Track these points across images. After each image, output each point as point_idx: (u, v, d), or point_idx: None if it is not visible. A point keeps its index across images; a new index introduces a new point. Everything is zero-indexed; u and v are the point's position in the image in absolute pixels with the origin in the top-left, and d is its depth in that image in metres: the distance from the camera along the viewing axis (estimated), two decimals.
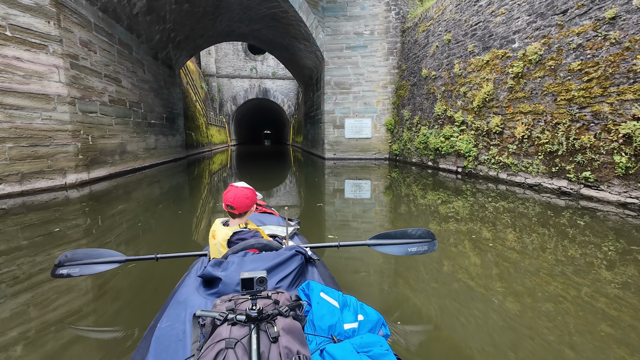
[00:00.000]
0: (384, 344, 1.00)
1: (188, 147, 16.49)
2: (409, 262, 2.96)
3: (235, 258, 1.44)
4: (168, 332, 1.13)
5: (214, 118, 27.44)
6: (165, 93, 12.59)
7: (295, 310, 1.02)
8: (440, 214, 4.73)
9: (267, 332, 0.87)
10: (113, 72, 8.47)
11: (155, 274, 2.69)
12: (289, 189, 7.25)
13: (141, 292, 2.43)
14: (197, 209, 5.43)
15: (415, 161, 10.84)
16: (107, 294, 2.38)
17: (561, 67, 5.58)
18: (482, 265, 2.88)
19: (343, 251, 3.10)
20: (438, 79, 9.53)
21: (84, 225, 4.25)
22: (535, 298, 2.27)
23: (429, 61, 10.24)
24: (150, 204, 5.74)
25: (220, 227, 1.76)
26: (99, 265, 1.88)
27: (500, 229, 3.93)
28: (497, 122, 6.89)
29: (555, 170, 5.57)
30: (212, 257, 1.77)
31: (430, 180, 8.04)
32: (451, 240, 3.55)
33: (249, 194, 1.75)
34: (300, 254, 1.49)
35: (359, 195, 6.65)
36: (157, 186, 7.80)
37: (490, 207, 5.03)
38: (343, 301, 1.18)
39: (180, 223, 4.47)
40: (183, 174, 10.56)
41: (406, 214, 4.80)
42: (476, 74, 7.77)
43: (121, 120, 8.89)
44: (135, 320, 2.02)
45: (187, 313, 1.19)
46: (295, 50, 15.48)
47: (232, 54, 31.30)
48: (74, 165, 6.74)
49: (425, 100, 10.27)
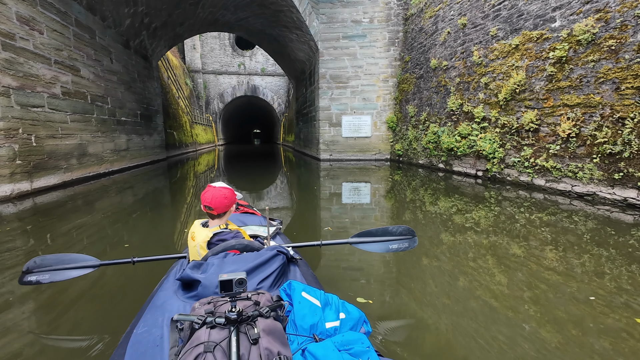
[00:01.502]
0: (365, 341, 1.01)
1: (169, 148, 15.02)
2: (391, 259, 2.95)
3: (215, 260, 1.39)
4: (145, 337, 1.09)
5: (200, 116, 25.91)
6: (140, 87, 11.13)
7: (277, 311, 1.01)
8: (456, 223, 4.03)
9: (247, 334, 0.86)
10: (68, 59, 7.02)
11: (132, 278, 2.56)
12: (281, 196, 6.02)
13: (117, 297, 2.30)
14: (177, 215, 4.90)
15: (423, 163, 9.68)
16: (80, 301, 2.24)
17: (626, 47, 4.44)
18: (505, 282, 2.48)
19: (325, 250, 3.07)
20: (451, 70, 8.37)
21: (24, 248, 3.33)
22: (584, 329, 1.87)
23: (438, 50, 9.07)
24: (120, 214, 4.85)
25: (199, 229, 1.68)
26: (71, 270, 1.80)
27: (536, 245, 3.22)
28: (531, 118, 5.74)
29: (618, 177, 4.44)
30: (191, 259, 1.69)
31: (442, 184, 7.02)
32: (468, 253, 3.07)
33: (227, 194, 1.68)
34: (282, 254, 1.47)
35: (357, 200, 5.91)
36: (130, 193, 6.64)
37: (522, 219, 4.16)
38: (325, 300, 1.18)
39: (158, 231, 4.04)
40: (162, 177, 9.38)
41: (413, 222, 4.17)
42: (501, 61, 6.62)
43: (80, 116, 7.45)
44: (111, 327, 1.90)
45: (165, 317, 1.16)
46: (286, 42, 14.16)
47: (218, 49, 29.84)
48: (9, 174, 5.31)
49: (434, 94, 9.11)
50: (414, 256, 2.99)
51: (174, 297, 1.30)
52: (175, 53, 25.58)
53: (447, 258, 2.97)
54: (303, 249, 2.19)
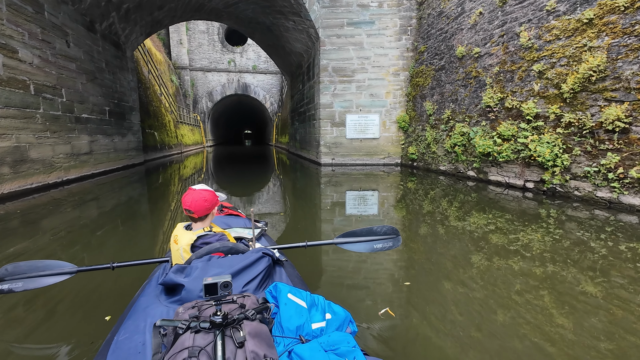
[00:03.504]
0: (351, 340, 1.01)
1: (149, 150, 13.27)
2: (375, 258, 2.92)
3: (199, 263, 1.35)
4: (126, 344, 1.05)
5: (187, 116, 24.11)
6: (109, 79, 9.39)
7: (263, 313, 1.00)
8: (493, 244, 3.29)
9: (232, 337, 0.85)
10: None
11: (112, 284, 2.43)
12: (274, 207, 4.48)
13: (96, 305, 2.16)
14: (155, 226, 4.35)
15: (445, 169, 8.19)
16: (56, 309, 2.11)
17: None
18: (567, 324, 1.89)
19: (311, 251, 3.00)
20: (485, 58, 6.90)
21: None
22: None
23: (466, 35, 7.60)
24: (77, 235, 3.78)
25: (182, 232, 1.63)
26: (45, 278, 1.72)
27: (622, 283, 2.39)
28: (616, 114, 4.29)
29: None
30: (174, 263, 1.64)
31: (473, 196, 5.73)
32: (513, 282, 2.42)
33: (207, 196, 1.62)
34: (267, 256, 1.45)
35: (364, 210, 5.07)
36: (93, 205, 5.41)
37: (601, 247, 3.18)
38: (311, 301, 1.17)
39: (134, 244, 3.55)
40: (138, 184, 7.99)
41: (431, 238, 3.59)
42: (564, 42, 5.15)
43: (18, 111, 5.73)
44: (90, 335, 1.81)
45: (147, 323, 1.12)
46: (281, 31, 12.56)
47: (207, 45, 28.17)
48: None
49: (461, 87, 7.63)
50: (404, 257, 2.97)
51: (157, 302, 1.26)
52: (159, 48, 23.77)
53: (479, 286, 2.41)
54: (289, 251, 2.04)
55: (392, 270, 2.77)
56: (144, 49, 15.49)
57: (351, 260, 2.91)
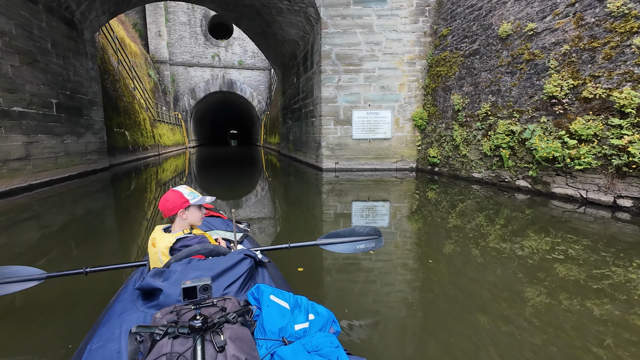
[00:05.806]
0: (334, 340, 1.00)
1: (117, 153, 11.28)
2: (359, 259, 2.85)
3: (178, 266, 1.29)
4: (100, 353, 0.98)
5: (167, 114, 22.01)
6: (57, 64, 7.42)
7: (244, 316, 0.98)
8: (566, 280, 2.41)
9: (212, 342, 0.81)
10: None
11: (84, 291, 2.26)
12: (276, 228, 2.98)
13: (68, 312, 2.01)
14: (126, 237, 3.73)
15: (481, 176, 6.64)
16: (24, 318, 1.93)
17: None
18: None
19: (294, 252, 2.68)
20: (545, 35, 5.36)
21: None
22: None
23: (512, 9, 6.06)
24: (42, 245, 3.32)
25: (161, 234, 1.55)
26: (12, 284, 1.60)
27: None
28: None
29: None
30: (152, 266, 1.56)
31: (529, 213, 4.46)
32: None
33: (169, 197, 1.56)
34: (249, 258, 1.41)
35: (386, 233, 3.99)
36: (31, 226, 4.16)
37: None
38: (294, 302, 1.15)
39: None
40: (100, 194, 6.55)
41: (472, 266, 2.77)
42: None
43: None
44: (61, 346, 1.65)
45: (123, 330, 1.06)
46: (273, 15, 10.79)
47: (188, 37, 26.11)
48: None
49: (507, 75, 6.08)
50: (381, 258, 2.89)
51: (133, 308, 1.21)
52: (135, 39, 21.57)
53: (534, 327, 1.85)
54: (272, 252, 1.99)
55: (378, 270, 2.70)
56: (112, 34, 13.42)
57: (336, 261, 2.85)
